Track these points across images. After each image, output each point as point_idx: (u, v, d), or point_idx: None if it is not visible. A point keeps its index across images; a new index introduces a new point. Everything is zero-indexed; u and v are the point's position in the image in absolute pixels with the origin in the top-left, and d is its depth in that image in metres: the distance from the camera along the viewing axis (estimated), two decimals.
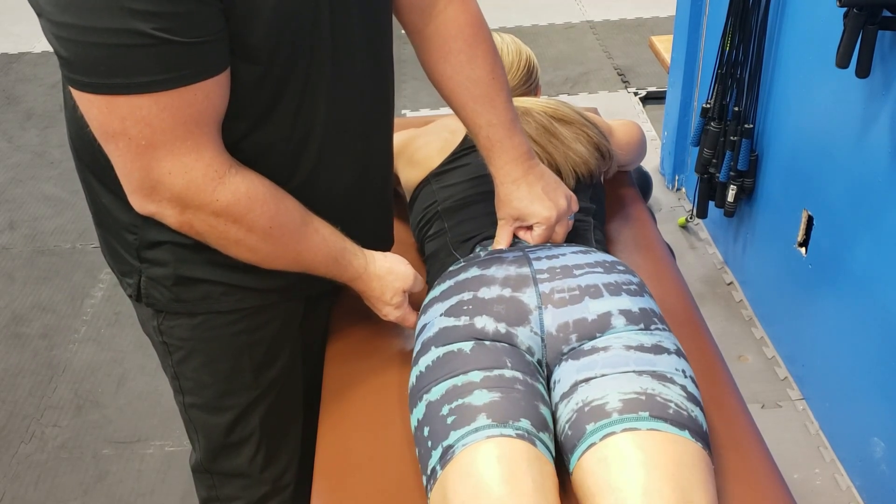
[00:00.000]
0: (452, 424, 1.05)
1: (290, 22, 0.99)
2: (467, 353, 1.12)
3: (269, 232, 1.06)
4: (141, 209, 1.01)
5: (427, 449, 1.07)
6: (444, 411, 1.07)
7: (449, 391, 1.08)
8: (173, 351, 1.24)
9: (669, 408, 1.04)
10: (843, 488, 1.85)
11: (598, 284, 1.18)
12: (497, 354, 1.12)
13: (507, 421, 1.04)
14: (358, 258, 1.20)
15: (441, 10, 1.23)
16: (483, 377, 1.08)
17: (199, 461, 1.35)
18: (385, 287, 1.23)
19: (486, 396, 1.06)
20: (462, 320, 1.16)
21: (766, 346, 2.23)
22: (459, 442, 1.03)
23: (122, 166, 0.98)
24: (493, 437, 1.02)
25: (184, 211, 1.00)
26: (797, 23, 1.92)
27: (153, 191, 0.98)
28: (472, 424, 1.04)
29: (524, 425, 1.04)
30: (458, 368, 1.10)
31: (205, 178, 0.98)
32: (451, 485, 1.02)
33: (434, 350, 1.15)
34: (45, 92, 3.84)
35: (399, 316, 1.27)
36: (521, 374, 1.10)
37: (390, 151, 1.31)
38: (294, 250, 1.11)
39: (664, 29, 3.74)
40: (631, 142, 1.74)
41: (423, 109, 3.46)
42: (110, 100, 0.90)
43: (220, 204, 1.00)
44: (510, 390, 1.07)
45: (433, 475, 1.05)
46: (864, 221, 1.71)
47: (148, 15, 0.86)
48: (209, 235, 1.05)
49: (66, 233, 2.87)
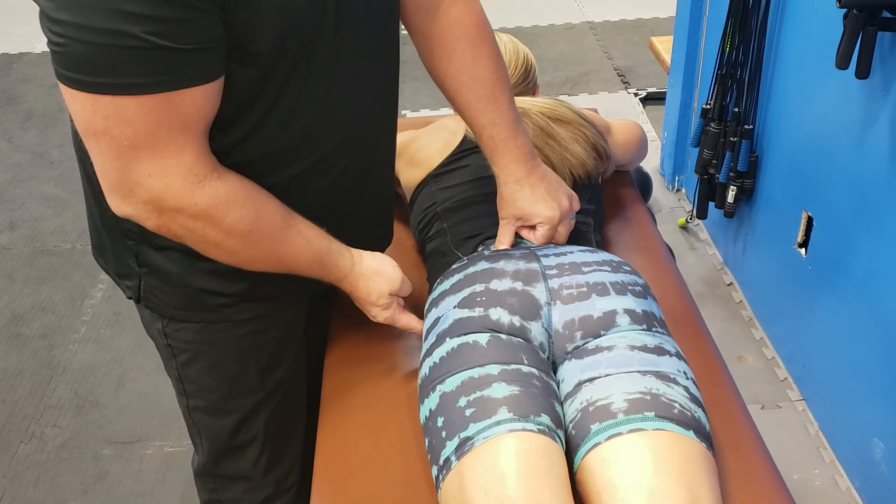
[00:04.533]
0: (472, 416, 1.05)
1: (295, 28, 0.99)
2: (483, 346, 1.12)
3: (248, 235, 1.05)
4: (118, 210, 1.01)
5: (440, 439, 1.07)
6: (461, 402, 1.07)
7: (465, 382, 1.08)
8: (178, 354, 1.24)
9: (674, 408, 1.04)
10: (843, 489, 1.85)
11: (606, 282, 1.18)
12: (514, 349, 1.12)
13: (528, 416, 1.04)
14: (344, 259, 1.19)
15: (445, 10, 1.23)
16: (501, 370, 1.08)
17: (202, 464, 1.35)
18: (371, 288, 1.22)
19: (505, 390, 1.06)
20: (476, 311, 1.16)
21: (766, 347, 2.24)
22: (480, 434, 1.03)
23: (101, 165, 0.97)
24: (515, 430, 1.02)
25: (161, 214, 0.99)
26: (797, 24, 1.92)
27: (131, 192, 0.97)
28: (494, 417, 1.03)
29: (545, 420, 1.05)
30: (474, 361, 1.10)
31: (184, 181, 0.97)
32: (470, 475, 1.01)
33: (449, 341, 1.14)
34: (45, 92, 3.84)
35: (387, 316, 1.26)
36: (536, 370, 1.11)
37: (392, 151, 1.31)
38: (275, 253, 1.10)
39: (664, 30, 3.74)
40: (630, 141, 1.74)
41: (423, 110, 3.47)
42: (95, 98, 0.90)
43: (198, 207, 1.00)
44: (528, 385, 1.08)
45: (446, 465, 1.04)
46: (864, 222, 1.71)
47: (142, 18, 0.86)
48: (187, 238, 1.04)
49: (66, 233, 2.87)
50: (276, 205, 1.08)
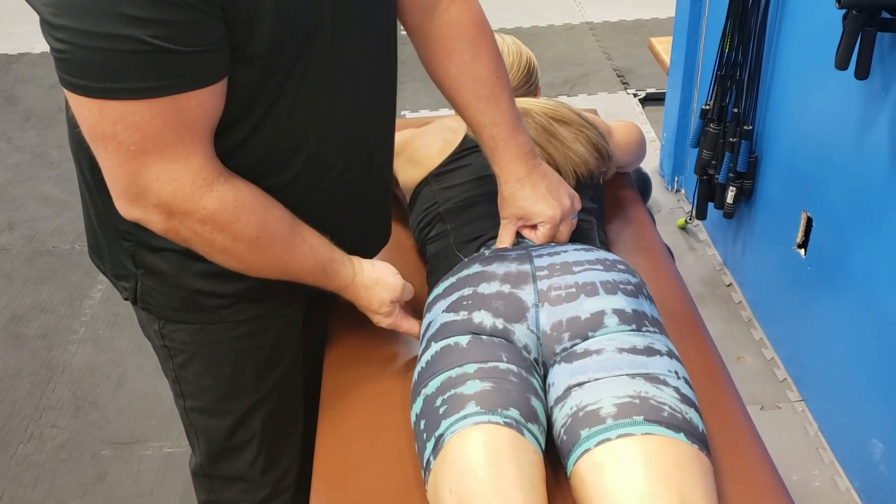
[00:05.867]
0: (443, 414, 1.06)
1: (293, 29, 0.99)
2: (464, 347, 1.13)
3: (255, 241, 1.05)
4: (126, 214, 1.01)
5: (423, 441, 1.09)
6: (437, 402, 1.08)
7: (444, 383, 1.09)
8: (174, 355, 1.23)
9: (664, 411, 1.04)
10: (843, 490, 1.85)
11: (596, 282, 1.18)
12: (493, 348, 1.13)
13: (495, 409, 1.05)
14: (346, 268, 1.20)
15: (444, 9, 1.23)
16: (477, 368, 1.09)
17: (199, 465, 1.35)
18: (372, 297, 1.23)
19: (477, 386, 1.07)
20: (461, 315, 1.17)
21: (766, 348, 2.23)
22: (448, 430, 1.04)
23: (109, 170, 0.97)
24: (480, 423, 1.03)
25: (170, 218, 1.00)
26: (796, 24, 1.92)
27: (140, 196, 0.97)
28: (462, 412, 1.05)
29: (513, 414, 1.05)
30: (454, 362, 1.11)
31: (193, 185, 0.98)
32: (440, 473, 1.03)
33: (434, 345, 1.16)
34: (44, 93, 3.84)
35: (390, 323, 1.27)
36: (515, 367, 1.11)
37: (391, 151, 1.31)
38: (281, 260, 1.10)
39: (664, 30, 3.74)
40: (630, 142, 1.74)
41: (422, 110, 3.47)
42: (103, 104, 0.90)
43: (206, 212, 1.00)
44: (503, 381, 1.08)
45: (428, 467, 1.06)
46: (864, 223, 1.71)
47: (146, 22, 0.85)
48: (195, 242, 1.04)
49: (66, 233, 2.87)
50: (282, 211, 1.09)
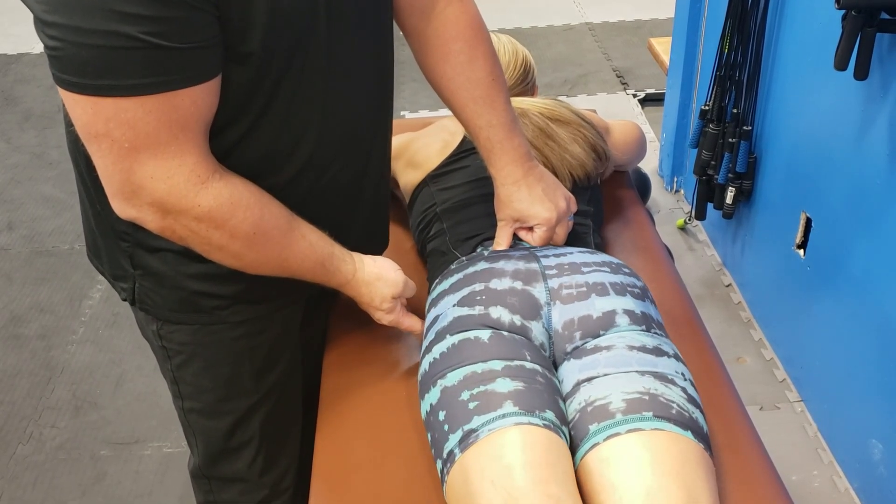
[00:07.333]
0: (476, 409, 1.05)
1: (287, 28, 0.98)
2: (485, 342, 1.12)
3: (252, 238, 1.05)
4: (122, 213, 1.00)
5: (443, 433, 1.07)
6: (463, 396, 1.07)
7: (468, 377, 1.08)
8: (173, 355, 1.23)
9: (672, 408, 1.04)
10: (842, 490, 1.85)
11: (605, 283, 1.19)
12: (516, 346, 1.12)
13: (533, 410, 1.04)
14: (346, 264, 1.19)
15: (440, 11, 1.23)
16: (504, 366, 1.09)
17: (198, 466, 1.35)
18: (374, 293, 1.22)
19: (509, 385, 1.06)
20: (476, 309, 1.16)
21: (765, 348, 2.24)
22: (485, 427, 1.03)
23: (103, 168, 0.97)
24: (521, 424, 1.02)
25: (165, 216, 0.99)
26: (796, 25, 1.92)
27: (134, 195, 0.97)
28: (499, 410, 1.03)
29: (550, 416, 1.05)
30: (476, 356, 1.10)
31: (187, 182, 0.97)
32: (475, 467, 1.01)
33: (449, 338, 1.14)
34: (43, 93, 3.84)
35: (392, 319, 1.26)
36: (539, 366, 1.11)
37: (388, 152, 1.30)
38: (279, 256, 1.09)
39: (663, 31, 3.75)
40: (629, 141, 1.74)
41: (422, 111, 3.47)
42: (96, 101, 0.90)
43: (201, 209, 0.99)
44: (532, 381, 1.08)
45: (450, 458, 1.04)
46: (863, 223, 1.71)
47: (138, 19, 0.85)
48: (191, 241, 1.03)
49: (65, 234, 2.87)
50: (279, 207, 1.08)
